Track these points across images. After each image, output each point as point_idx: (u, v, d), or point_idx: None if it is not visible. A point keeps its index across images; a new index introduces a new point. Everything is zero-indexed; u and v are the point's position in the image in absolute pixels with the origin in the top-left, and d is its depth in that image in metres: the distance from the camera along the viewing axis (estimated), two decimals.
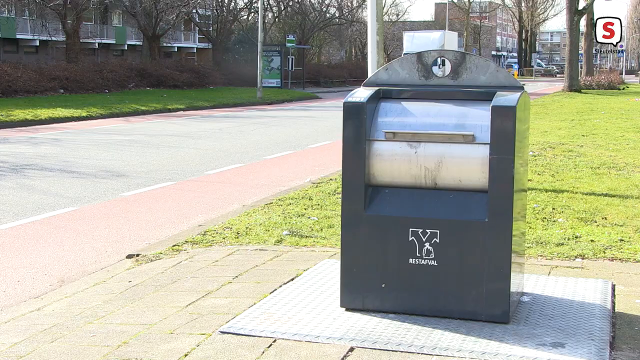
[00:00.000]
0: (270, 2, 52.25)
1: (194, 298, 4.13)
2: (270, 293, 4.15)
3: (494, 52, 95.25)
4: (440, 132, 3.62)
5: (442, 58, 3.96)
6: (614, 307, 3.93)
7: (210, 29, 51.08)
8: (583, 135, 13.81)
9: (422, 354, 3.26)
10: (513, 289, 3.64)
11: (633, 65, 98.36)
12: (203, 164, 11.20)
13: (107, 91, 31.59)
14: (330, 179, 8.77)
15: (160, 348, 3.36)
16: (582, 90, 34.26)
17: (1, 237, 6.40)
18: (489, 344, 3.34)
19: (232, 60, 48.84)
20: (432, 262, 3.62)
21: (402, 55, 32.32)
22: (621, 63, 72.29)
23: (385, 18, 59.40)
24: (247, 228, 6.07)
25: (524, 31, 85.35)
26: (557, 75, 76.44)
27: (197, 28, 53.99)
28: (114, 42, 50.50)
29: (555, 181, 8.29)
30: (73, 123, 19.58)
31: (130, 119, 21.19)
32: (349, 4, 61.35)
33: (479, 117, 3.59)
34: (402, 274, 3.67)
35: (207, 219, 6.85)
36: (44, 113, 20.31)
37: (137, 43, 50.80)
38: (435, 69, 3.86)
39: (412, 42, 37.48)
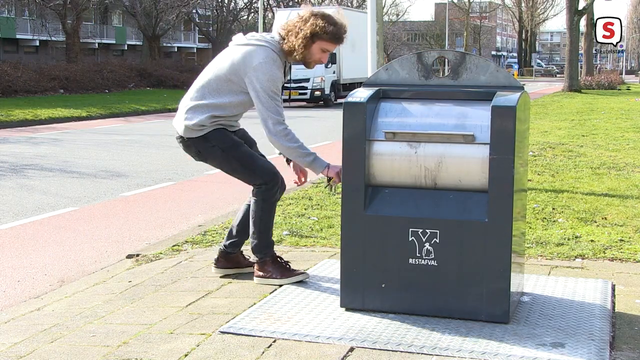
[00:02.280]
0: (270, 2, 52.29)
1: (194, 298, 4.13)
2: (270, 293, 4.15)
3: (494, 52, 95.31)
4: (440, 132, 3.62)
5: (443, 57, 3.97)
6: (614, 307, 3.94)
7: (210, 29, 51.12)
8: (583, 135, 13.82)
9: (422, 354, 3.26)
10: (513, 289, 3.64)
11: (633, 65, 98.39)
12: (203, 163, 11.19)
13: (107, 91, 31.61)
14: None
15: (160, 348, 3.36)
16: (582, 90, 34.26)
17: (1, 237, 6.40)
18: (489, 344, 3.34)
19: None
20: (432, 262, 3.62)
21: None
22: (621, 63, 72.30)
23: (385, 18, 59.42)
24: None
25: (524, 31, 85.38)
26: (557, 75, 76.48)
27: (197, 28, 54.03)
28: (114, 42, 50.55)
29: (555, 181, 8.29)
30: (73, 123, 19.60)
31: (130, 119, 21.21)
32: (349, 4, 61.40)
33: (479, 117, 3.59)
34: (402, 274, 3.67)
35: (207, 219, 6.85)
36: (43, 113, 20.33)
37: (137, 43, 50.84)
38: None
39: None
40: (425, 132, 3.64)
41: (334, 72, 28.20)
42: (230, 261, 4.55)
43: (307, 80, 26.69)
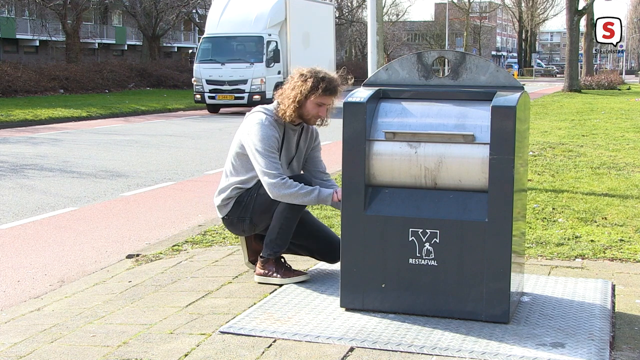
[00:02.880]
0: None
1: (194, 298, 4.13)
2: (270, 293, 4.15)
3: (494, 52, 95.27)
4: (440, 132, 3.62)
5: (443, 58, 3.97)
6: (614, 307, 3.94)
7: None
8: (583, 135, 13.81)
9: (422, 354, 3.26)
10: (513, 289, 3.64)
11: (633, 65, 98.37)
12: (203, 164, 11.21)
13: (107, 91, 31.61)
14: None
15: (160, 348, 3.36)
16: (582, 90, 34.24)
17: (1, 237, 6.40)
18: (489, 344, 3.34)
19: None
20: (432, 262, 3.62)
21: (202, 39, 20.58)
22: (621, 63, 72.28)
23: (385, 18, 59.37)
24: None
25: (524, 31, 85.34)
26: (557, 75, 76.45)
27: (197, 28, 53.98)
28: (114, 42, 50.51)
29: (555, 181, 8.29)
30: (73, 123, 19.59)
31: (130, 119, 21.20)
32: (349, 4, 61.36)
33: (479, 117, 3.59)
34: (402, 274, 3.67)
35: (207, 219, 6.85)
36: (44, 113, 20.32)
37: (137, 43, 50.82)
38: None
39: (221, 17, 23.04)
40: (425, 132, 3.64)
41: (279, 72, 22.78)
42: (258, 243, 4.59)
43: (245, 82, 22.25)
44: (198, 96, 23.12)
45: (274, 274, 4.32)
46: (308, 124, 4.42)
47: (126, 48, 51.70)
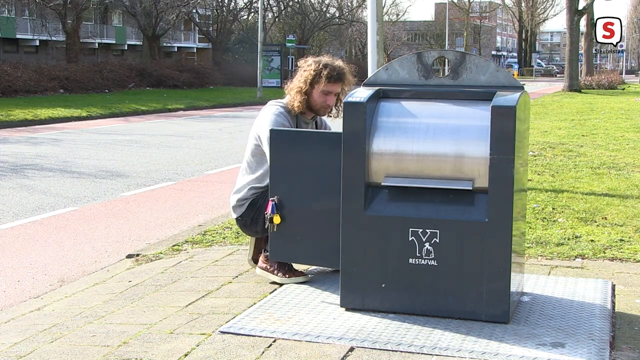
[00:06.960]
0: (270, 2, 52.23)
1: (194, 298, 4.13)
2: (270, 293, 4.15)
3: (494, 52, 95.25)
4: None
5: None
6: (614, 307, 3.94)
7: (210, 29, 51.09)
8: (583, 135, 13.81)
9: (422, 353, 3.26)
10: (513, 289, 3.64)
11: (633, 65, 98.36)
12: (203, 164, 11.21)
13: (107, 91, 31.58)
14: None
15: (160, 348, 3.37)
16: (582, 90, 34.24)
17: (1, 237, 6.40)
18: (489, 344, 3.34)
19: (232, 60, 48.81)
20: (432, 262, 3.62)
21: None
22: (621, 63, 72.27)
23: (385, 18, 59.38)
24: None
25: (524, 31, 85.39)
26: (557, 75, 76.43)
27: (197, 28, 54.01)
28: (114, 42, 50.51)
29: (555, 181, 8.29)
30: (73, 123, 19.58)
31: (130, 119, 21.19)
32: (349, 4, 61.39)
33: (478, 117, 3.59)
34: (402, 274, 3.67)
35: (207, 219, 6.85)
36: (43, 113, 20.31)
37: (137, 43, 50.81)
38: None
39: None
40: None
41: None
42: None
43: None
44: None
45: (275, 272, 4.32)
46: (318, 114, 4.43)
47: (126, 48, 51.69)
